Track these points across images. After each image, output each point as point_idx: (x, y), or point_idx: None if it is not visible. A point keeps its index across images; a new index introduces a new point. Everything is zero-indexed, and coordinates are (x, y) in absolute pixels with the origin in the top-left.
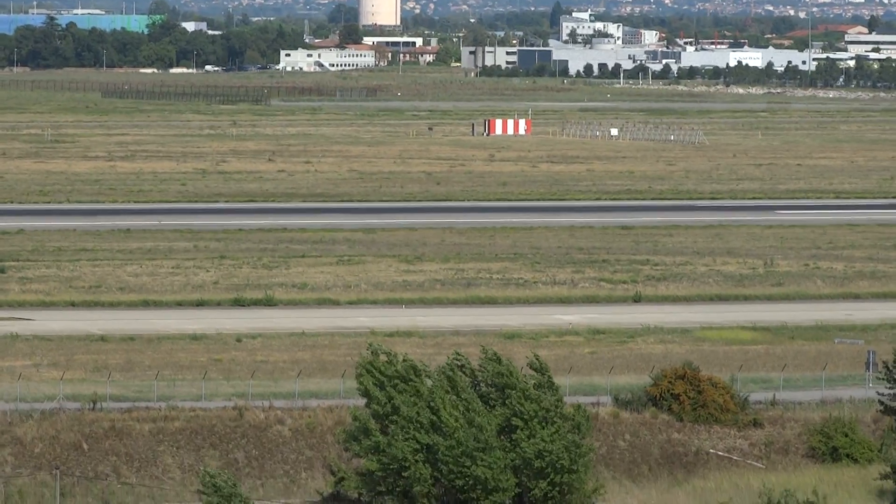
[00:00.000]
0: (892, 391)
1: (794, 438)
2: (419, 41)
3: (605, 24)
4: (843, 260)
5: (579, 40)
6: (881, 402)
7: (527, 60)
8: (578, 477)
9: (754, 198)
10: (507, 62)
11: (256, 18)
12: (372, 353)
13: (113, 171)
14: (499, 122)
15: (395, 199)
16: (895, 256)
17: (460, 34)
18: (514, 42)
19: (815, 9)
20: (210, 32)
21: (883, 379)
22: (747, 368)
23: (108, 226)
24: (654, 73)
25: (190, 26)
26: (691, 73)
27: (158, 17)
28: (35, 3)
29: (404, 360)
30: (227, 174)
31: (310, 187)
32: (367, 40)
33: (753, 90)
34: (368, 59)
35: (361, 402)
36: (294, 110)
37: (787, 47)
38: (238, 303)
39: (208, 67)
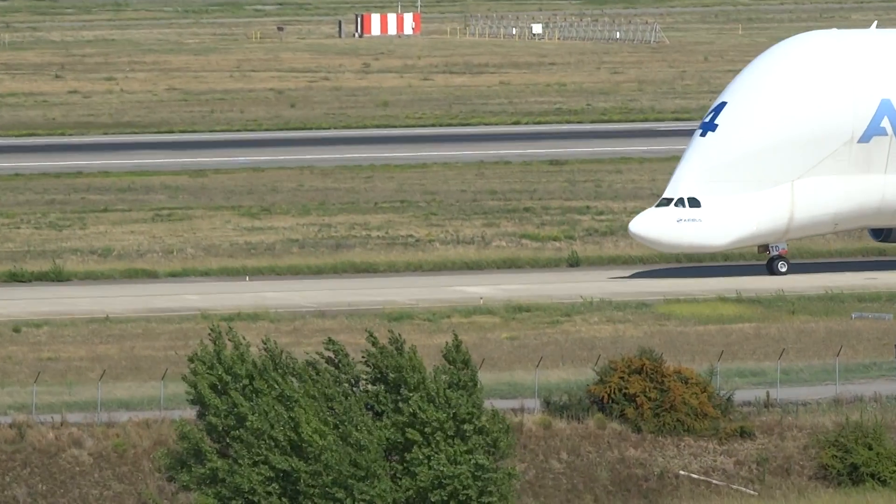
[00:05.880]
0: None
1: (798, 453)
2: None
3: None
4: None
5: None
6: None
7: None
8: None
9: None
10: None
11: None
12: (214, 339)
13: None
14: (376, 18)
15: (234, 129)
16: None
17: None
18: None
19: None
20: None
21: None
22: (731, 356)
23: None
24: None
25: None
26: None
27: None
28: None
29: (265, 347)
30: None
31: (114, 114)
32: None
33: None
34: None
35: (192, 413)
36: (90, 7)
37: None
38: (15, 277)
39: None
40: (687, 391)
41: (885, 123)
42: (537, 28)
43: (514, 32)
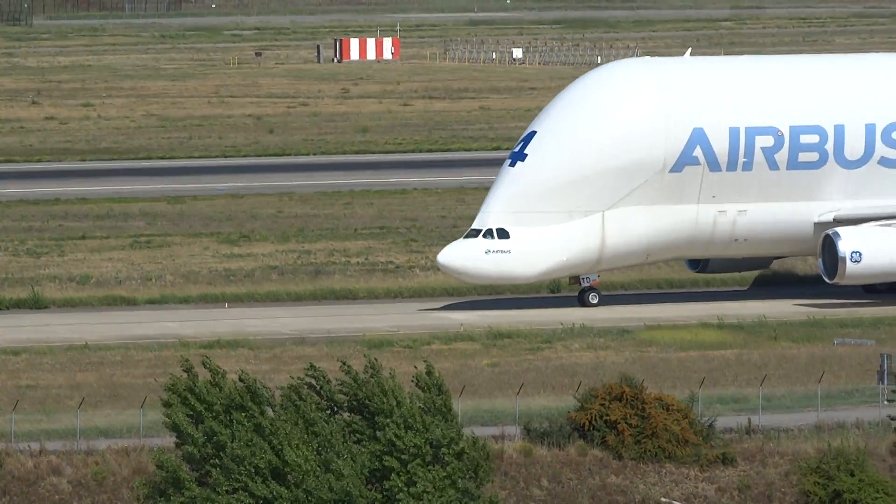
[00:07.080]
0: None
1: (780, 480)
2: None
3: None
4: None
5: None
6: None
7: None
8: None
9: None
10: None
11: None
12: (186, 371)
13: None
14: (355, 43)
15: (212, 155)
16: None
17: None
18: None
19: None
20: None
21: None
22: (712, 383)
23: None
24: None
25: None
26: None
27: None
28: None
29: (240, 380)
30: None
31: (91, 140)
32: None
33: None
34: None
35: (171, 441)
36: (66, 31)
37: None
38: None
39: None
40: (668, 418)
41: (698, 153)
42: (517, 53)
43: (494, 57)
